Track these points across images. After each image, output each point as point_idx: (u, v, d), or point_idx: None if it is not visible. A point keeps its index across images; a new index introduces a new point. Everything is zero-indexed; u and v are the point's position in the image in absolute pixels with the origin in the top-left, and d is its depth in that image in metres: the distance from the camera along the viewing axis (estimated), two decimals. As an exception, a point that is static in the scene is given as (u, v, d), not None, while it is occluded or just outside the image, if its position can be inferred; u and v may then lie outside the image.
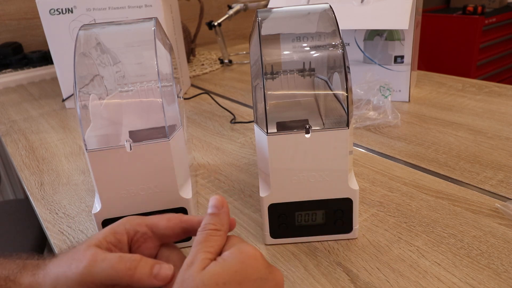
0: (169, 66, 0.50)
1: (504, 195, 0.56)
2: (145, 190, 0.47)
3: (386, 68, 0.91)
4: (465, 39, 2.44)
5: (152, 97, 0.56)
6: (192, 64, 1.45)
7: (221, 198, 0.37)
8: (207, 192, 0.63)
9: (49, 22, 0.97)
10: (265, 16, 0.49)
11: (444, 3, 2.96)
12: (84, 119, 0.46)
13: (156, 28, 0.49)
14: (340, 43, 0.45)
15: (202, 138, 0.83)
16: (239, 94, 1.09)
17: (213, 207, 0.36)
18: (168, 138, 0.45)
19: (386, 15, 0.82)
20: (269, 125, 0.44)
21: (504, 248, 0.47)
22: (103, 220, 0.47)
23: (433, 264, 0.45)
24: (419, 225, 0.52)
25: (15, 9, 1.49)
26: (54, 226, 0.58)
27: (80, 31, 0.49)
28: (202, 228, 0.35)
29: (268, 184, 0.47)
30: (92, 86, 0.51)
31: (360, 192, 0.59)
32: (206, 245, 0.34)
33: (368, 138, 0.76)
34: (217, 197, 0.37)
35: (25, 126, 0.97)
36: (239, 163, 0.71)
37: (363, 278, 0.44)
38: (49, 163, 0.77)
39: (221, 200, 0.37)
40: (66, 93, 1.06)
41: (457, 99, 0.91)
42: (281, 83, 0.54)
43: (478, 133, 0.74)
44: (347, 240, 0.50)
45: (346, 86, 0.44)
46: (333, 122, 0.47)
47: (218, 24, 1.36)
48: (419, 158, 0.67)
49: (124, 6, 0.94)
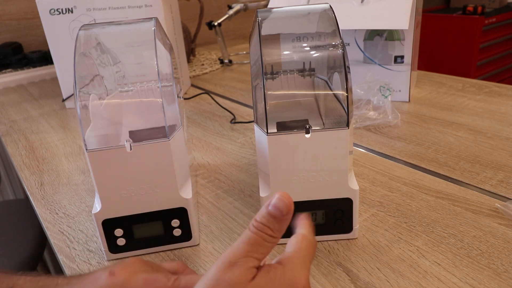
0: (169, 66, 0.50)
1: (504, 195, 0.56)
2: (145, 190, 0.47)
3: (386, 68, 0.91)
4: (465, 39, 2.44)
5: (152, 97, 0.56)
6: (192, 64, 1.45)
7: (289, 201, 0.31)
8: (207, 192, 0.63)
9: (49, 22, 0.97)
10: (265, 16, 0.49)
11: (444, 3, 2.96)
12: (84, 119, 0.46)
13: (156, 28, 0.49)
14: (340, 43, 0.45)
15: (202, 138, 0.83)
16: (239, 94, 1.09)
17: (278, 209, 0.30)
18: (168, 138, 0.45)
19: (386, 15, 0.82)
20: (269, 125, 0.44)
21: (504, 248, 0.47)
22: (103, 220, 0.47)
23: (433, 264, 0.45)
24: (419, 225, 0.52)
25: (15, 9, 1.49)
26: (54, 226, 0.58)
27: (80, 31, 0.49)
28: (258, 228, 0.30)
29: (268, 184, 0.47)
30: (92, 86, 0.51)
31: (360, 192, 0.59)
32: (256, 250, 0.30)
33: (368, 138, 0.76)
34: (286, 198, 0.30)
35: (25, 126, 0.97)
36: (239, 163, 0.71)
37: (363, 278, 0.44)
38: (49, 163, 0.77)
39: (289, 204, 0.30)
40: (66, 93, 1.06)
41: (457, 99, 0.91)
42: (281, 83, 0.54)
43: (478, 133, 0.74)
44: (347, 240, 0.50)
45: (346, 86, 0.44)
46: (333, 122, 0.47)
47: (218, 24, 1.36)
48: (419, 158, 0.67)
49: (124, 6, 0.94)
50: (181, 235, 0.50)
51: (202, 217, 0.57)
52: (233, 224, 0.55)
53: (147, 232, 0.49)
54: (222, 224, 0.55)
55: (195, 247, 0.51)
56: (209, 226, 0.55)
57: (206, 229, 0.54)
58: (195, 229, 0.51)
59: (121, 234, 0.48)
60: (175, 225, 0.49)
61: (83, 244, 0.53)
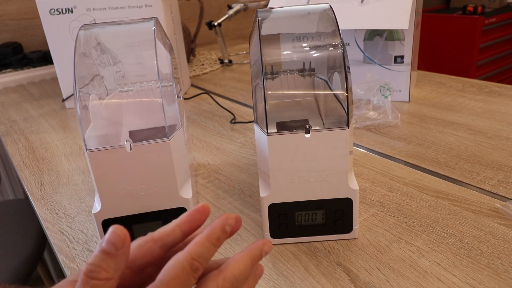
0: (169, 66, 0.50)
1: (504, 195, 0.56)
2: (145, 190, 0.47)
3: (386, 68, 0.91)
4: (465, 39, 2.44)
5: (152, 97, 0.56)
6: (192, 64, 1.45)
7: (124, 233, 0.26)
8: (207, 192, 0.63)
9: (49, 22, 0.97)
10: (265, 16, 0.49)
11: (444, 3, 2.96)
12: (84, 119, 0.46)
13: (156, 28, 0.49)
14: (340, 43, 0.45)
15: (202, 138, 0.83)
16: (239, 94, 1.09)
17: (110, 244, 0.26)
18: (168, 138, 0.45)
19: (386, 15, 0.82)
20: (269, 125, 0.44)
21: (504, 248, 0.47)
22: (103, 220, 0.47)
23: (433, 264, 0.45)
24: (419, 225, 0.52)
25: (15, 9, 1.49)
26: (54, 226, 0.58)
27: (80, 31, 0.49)
28: (89, 272, 0.25)
29: (268, 184, 0.47)
30: (92, 86, 0.51)
31: (360, 192, 0.59)
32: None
33: (368, 138, 0.76)
34: (120, 230, 0.26)
35: (25, 126, 0.97)
36: (239, 163, 0.71)
37: (363, 278, 0.44)
38: (49, 163, 0.77)
39: (123, 237, 0.26)
40: (66, 93, 1.06)
41: (457, 99, 0.91)
42: (281, 83, 0.54)
43: (478, 133, 0.74)
44: (347, 240, 0.50)
45: (346, 86, 0.44)
46: (333, 122, 0.47)
47: (218, 24, 1.36)
48: (419, 158, 0.67)
49: (124, 6, 0.94)
50: (181, 235, 0.50)
51: (202, 217, 0.57)
52: (233, 224, 0.55)
53: (147, 232, 0.49)
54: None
55: (195, 247, 0.51)
56: (209, 226, 0.55)
57: (206, 229, 0.54)
58: (195, 229, 0.51)
59: (121, 234, 0.48)
60: (175, 225, 0.49)
61: (83, 244, 0.53)
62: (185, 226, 0.31)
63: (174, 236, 0.31)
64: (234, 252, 0.49)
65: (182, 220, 0.31)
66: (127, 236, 0.26)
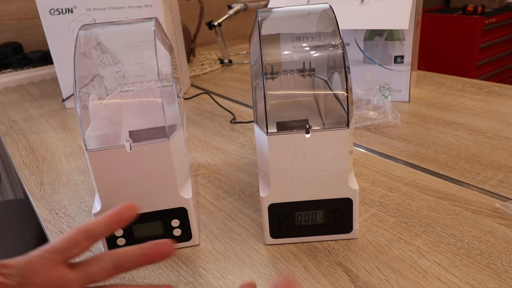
0: (169, 66, 0.50)
1: (504, 195, 0.56)
2: (145, 190, 0.47)
3: (386, 68, 0.91)
4: (465, 39, 2.44)
5: (152, 97, 0.56)
6: (192, 64, 1.45)
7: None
8: (207, 192, 0.63)
9: (49, 22, 0.97)
10: (265, 16, 0.49)
11: (444, 3, 2.96)
12: (84, 119, 0.46)
13: (156, 28, 0.49)
14: (340, 43, 0.45)
15: (202, 138, 0.83)
16: (239, 94, 1.09)
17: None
18: (168, 138, 0.45)
19: (386, 15, 0.82)
20: (269, 125, 0.44)
21: (504, 248, 0.47)
22: (103, 220, 0.47)
23: (433, 264, 0.45)
24: (419, 225, 0.52)
25: (15, 9, 1.49)
26: (54, 226, 0.58)
27: (80, 31, 0.49)
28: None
29: (268, 184, 0.47)
30: (92, 86, 0.51)
31: (360, 192, 0.59)
32: None
33: (368, 138, 0.76)
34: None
35: (25, 126, 0.97)
36: (239, 163, 0.71)
37: (363, 278, 0.44)
38: (49, 163, 0.77)
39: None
40: (66, 93, 1.06)
41: (457, 99, 0.91)
42: (281, 83, 0.54)
43: (478, 133, 0.74)
44: (347, 240, 0.50)
45: (346, 86, 0.44)
46: (333, 122, 0.47)
47: (218, 24, 1.36)
48: (419, 158, 0.67)
49: (124, 6, 0.94)
50: (181, 235, 0.50)
51: (202, 217, 0.57)
52: (233, 224, 0.55)
53: (147, 232, 0.49)
54: (222, 224, 0.55)
55: (195, 247, 0.51)
56: (209, 226, 0.55)
57: (206, 229, 0.54)
58: (195, 229, 0.51)
59: (121, 234, 0.48)
60: (175, 225, 0.49)
61: (83, 244, 0.53)
62: (109, 218, 0.35)
63: (98, 227, 0.35)
64: (234, 251, 0.50)
65: (108, 214, 0.35)
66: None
